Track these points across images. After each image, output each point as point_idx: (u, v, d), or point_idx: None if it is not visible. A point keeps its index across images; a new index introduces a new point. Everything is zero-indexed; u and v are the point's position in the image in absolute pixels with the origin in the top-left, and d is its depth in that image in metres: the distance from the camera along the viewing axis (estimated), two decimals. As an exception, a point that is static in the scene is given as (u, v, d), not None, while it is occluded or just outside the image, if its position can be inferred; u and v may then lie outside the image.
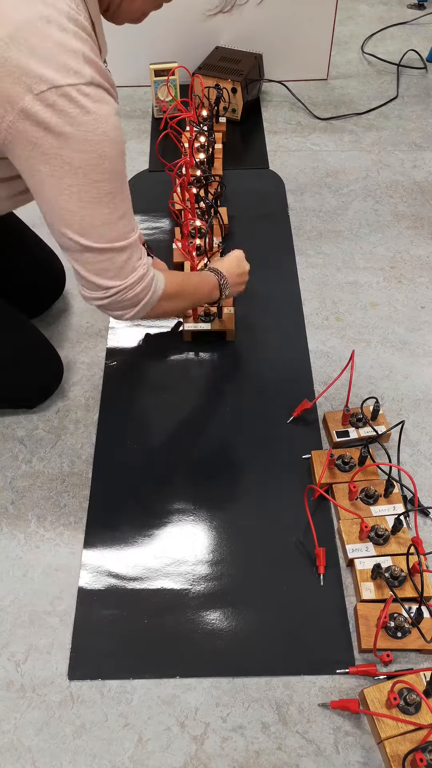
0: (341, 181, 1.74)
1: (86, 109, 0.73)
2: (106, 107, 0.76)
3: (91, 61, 0.74)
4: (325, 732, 0.87)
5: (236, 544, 1.05)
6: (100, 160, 0.79)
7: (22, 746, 0.87)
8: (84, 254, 0.86)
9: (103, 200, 0.82)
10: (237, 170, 1.75)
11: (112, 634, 0.96)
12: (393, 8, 2.48)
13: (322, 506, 1.09)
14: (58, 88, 0.71)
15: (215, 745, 0.87)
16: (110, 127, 0.78)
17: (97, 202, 0.82)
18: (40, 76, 0.70)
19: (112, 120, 0.78)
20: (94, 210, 0.82)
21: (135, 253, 0.91)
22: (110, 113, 0.78)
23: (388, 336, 1.36)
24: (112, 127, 0.79)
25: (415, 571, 0.96)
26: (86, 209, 0.82)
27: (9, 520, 1.09)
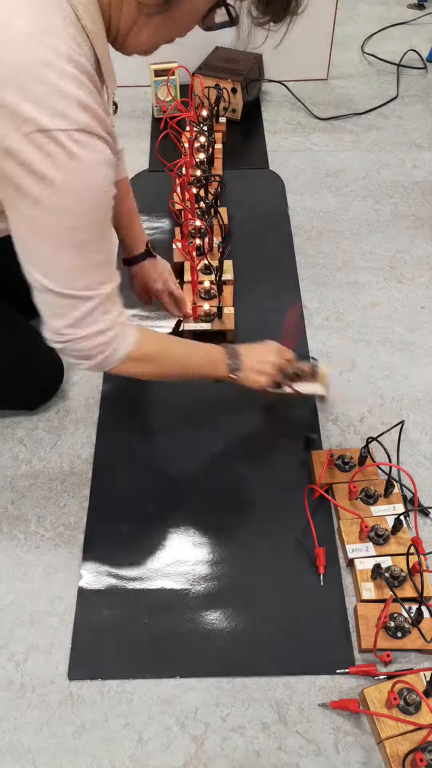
0: (341, 181, 1.74)
1: (73, 154, 0.71)
2: (94, 156, 0.74)
3: (87, 108, 0.72)
4: (325, 732, 0.87)
5: (236, 544, 1.05)
6: (80, 207, 0.76)
7: (22, 746, 0.87)
8: (46, 295, 0.82)
9: (75, 246, 0.79)
10: (237, 170, 1.75)
11: (112, 634, 0.96)
12: (393, 8, 2.48)
13: (322, 506, 1.09)
14: (47, 132, 0.69)
15: (215, 745, 0.87)
16: (96, 176, 0.75)
17: (68, 247, 0.79)
18: (30, 118, 0.68)
19: (100, 169, 0.76)
20: (63, 255, 0.80)
21: (103, 306, 0.85)
22: (99, 162, 0.75)
23: (388, 336, 1.36)
24: (100, 176, 0.76)
25: (415, 571, 0.96)
26: (55, 252, 0.79)
27: (9, 520, 1.09)
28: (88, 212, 0.77)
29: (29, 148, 0.69)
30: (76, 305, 0.83)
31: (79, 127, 0.71)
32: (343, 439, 1.19)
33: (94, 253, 0.82)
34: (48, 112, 0.68)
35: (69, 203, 0.75)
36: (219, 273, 1.29)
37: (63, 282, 0.81)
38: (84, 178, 0.74)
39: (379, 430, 1.18)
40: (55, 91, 0.69)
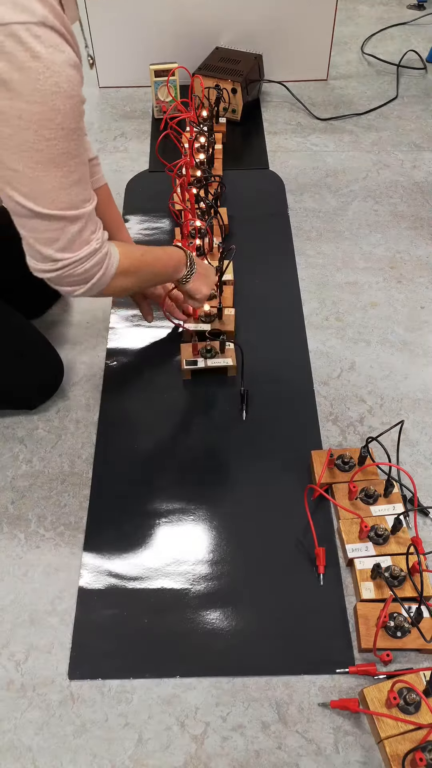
0: (341, 181, 1.74)
1: (35, 52, 0.66)
2: (60, 55, 0.68)
3: (45, 1, 0.67)
4: (325, 731, 0.87)
5: (236, 543, 1.05)
6: (52, 115, 0.71)
7: (22, 746, 0.87)
8: (32, 220, 0.79)
9: (55, 161, 0.75)
10: (237, 170, 1.75)
11: (112, 634, 0.96)
12: (393, 8, 2.48)
13: (322, 506, 1.09)
14: (5, 26, 0.64)
15: (215, 745, 0.87)
16: (64, 78, 0.70)
17: (49, 162, 0.75)
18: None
19: (67, 71, 0.70)
20: (45, 172, 0.75)
21: (89, 225, 0.84)
22: (65, 62, 0.69)
23: (388, 336, 1.36)
24: (66, 78, 0.70)
25: (415, 570, 0.96)
26: (37, 170, 0.75)
27: (9, 520, 1.09)
28: (60, 119, 0.72)
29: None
30: (65, 227, 0.81)
31: (38, 19, 0.66)
32: (342, 439, 1.19)
33: (76, 166, 0.79)
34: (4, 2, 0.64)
35: (39, 110, 0.70)
36: (219, 273, 1.30)
37: (47, 202, 0.78)
38: (51, 81, 0.69)
39: (379, 430, 1.19)
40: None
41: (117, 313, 1.39)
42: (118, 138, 1.89)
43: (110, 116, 1.98)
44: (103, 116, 1.98)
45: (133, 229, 1.58)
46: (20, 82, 0.67)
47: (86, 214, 0.83)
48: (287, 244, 1.55)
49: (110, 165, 1.79)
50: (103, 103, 2.03)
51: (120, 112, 2.00)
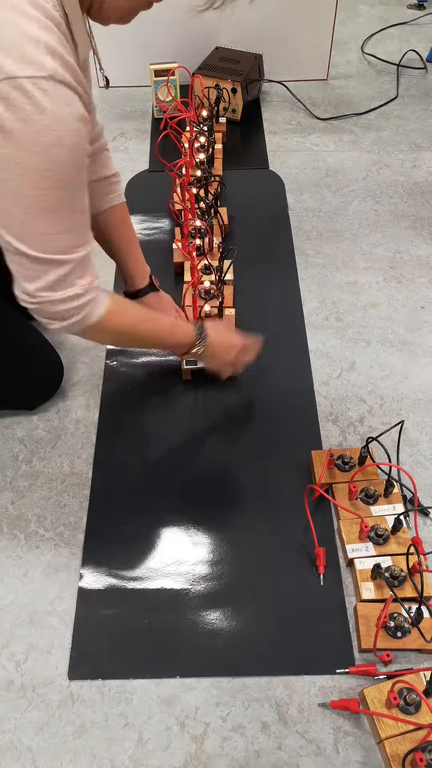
0: (341, 181, 1.74)
1: (42, 107, 0.66)
2: (65, 109, 0.69)
3: (56, 54, 0.67)
4: (325, 732, 0.87)
5: (236, 543, 1.05)
6: (50, 166, 0.71)
7: (22, 746, 0.87)
8: (19, 257, 0.80)
9: (49, 209, 0.76)
10: (237, 170, 1.75)
11: (112, 634, 0.96)
12: (393, 8, 2.48)
13: (322, 506, 1.09)
14: (12, 80, 0.64)
15: (215, 745, 0.87)
16: (67, 131, 0.70)
17: (43, 209, 0.75)
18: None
19: (71, 124, 0.71)
20: (35, 218, 0.76)
21: (77, 270, 0.84)
22: (70, 116, 0.70)
23: (388, 336, 1.36)
24: (70, 131, 0.71)
25: (415, 570, 0.96)
26: (28, 215, 0.75)
27: (9, 520, 1.09)
28: (58, 171, 0.73)
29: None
30: (49, 269, 0.81)
31: (48, 74, 0.66)
32: (342, 438, 1.19)
33: (69, 214, 0.78)
34: (13, 56, 0.64)
35: (38, 162, 0.70)
36: (219, 273, 1.30)
37: (36, 246, 0.78)
38: (54, 135, 0.69)
39: (379, 430, 1.19)
40: (20, 34, 0.64)
41: (117, 313, 1.39)
42: (118, 138, 1.89)
43: (110, 116, 1.98)
44: (103, 116, 1.97)
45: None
46: (23, 132, 0.67)
47: (75, 259, 0.83)
48: (287, 244, 1.55)
49: (110, 165, 1.79)
50: (103, 102, 2.03)
51: (120, 112, 2.00)
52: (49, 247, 0.79)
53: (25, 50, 0.65)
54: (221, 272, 1.30)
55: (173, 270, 1.46)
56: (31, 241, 0.78)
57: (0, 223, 0.77)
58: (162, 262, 1.47)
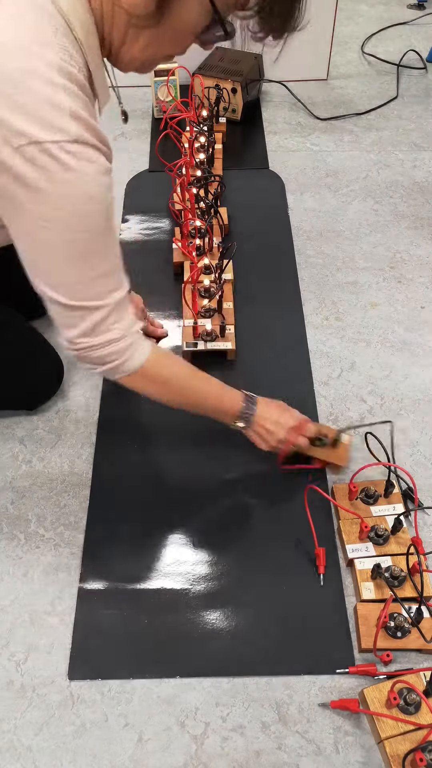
0: (341, 181, 1.74)
1: (68, 166, 0.68)
2: (91, 166, 0.71)
3: (79, 118, 0.69)
4: (325, 732, 0.87)
5: (236, 543, 1.05)
6: (78, 219, 0.73)
7: (22, 746, 0.87)
8: (53, 305, 0.81)
9: (79, 258, 0.77)
10: (237, 170, 1.75)
11: (112, 634, 0.96)
12: (393, 8, 2.48)
13: (322, 506, 1.09)
14: (39, 144, 0.66)
15: (215, 745, 0.87)
16: (94, 186, 0.72)
17: (72, 260, 0.77)
18: (21, 130, 0.66)
19: (98, 179, 0.72)
20: (68, 268, 0.78)
21: (114, 314, 0.84)
22: (97, 172, 0.72)
23: (388, 336, 1.36)
24: (97, 186, 0.73)
25: (415, 570, 0.96)
26: (59, 266, 0.77)
27: (9, 520, 1.09)
28: (88, 224, 0.75)
29: (22, 161, 0.67)
30: (85, 316, 0.82)
31: (72, 138, 0.68)
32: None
33: (100, 263, 0.80)
34: (39, 123, 0.66)
35: (67, 216, 0.72)
36: (219, 271, 1.30)
37: (71, 294, 0.79)
38: (81, 190, 0.71)
39: (379, 430, 1.19)
40: (46, 101, 0.66)
41: (117, 313, 1.39)
42: (118, 137, 1.89)
43: (110, 116, 1.97)
44: (103, 116, 1.98)
45: (133, 229, 1.58)
46: (50, 191, 0.69)
47: (111, 304, 0.83)
48: (287, 244, 1.55)
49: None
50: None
51: (120, 112, 2.00)
52: (84, 295, 0.80)
53: (50, 117, 0.67)
54: (221, 270, 1.30)
55: (173, 270, 1.46)
56: (65, 290, 0.79)
57: (34, 274, 0.79)
58: (162, 262, 1.47)
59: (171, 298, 1.41)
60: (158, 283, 1.44)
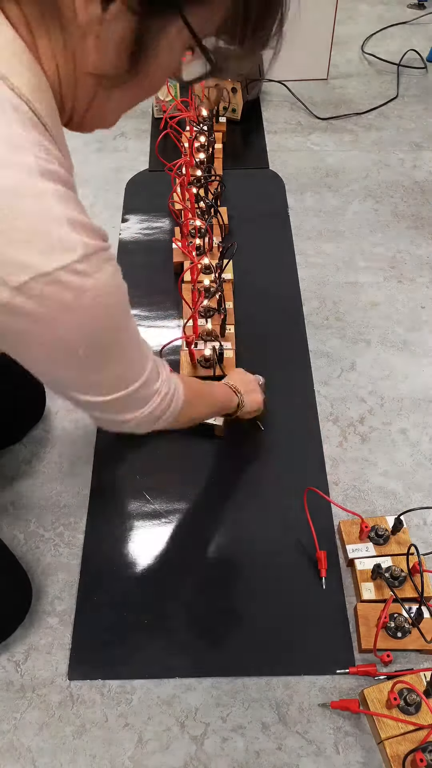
0: (341, 181, 1.74)
1: (82, 289, 0.58)
2: (103, 274, 0.60)
3: (78, 224, 0.57)
4: (325, 732, 0.87)
5: (236, 543, 1.05)
6: (102, 333, 0.64)
7: (22, 746, 0.87)
8: (89, 408, 0.74)
9: (109, 362, 0.68)
10: (237, 170, 1.75)
11: (112, 635, 0.96)
12: (393, 8, 2.48)
13: (322, 506, 1.09)
14: (45, 276, 0.55)
15: (215, 745, 0.87)
16: (111, 293, 0.62)
17: (103, 366, 0.68)
18: (18, 263, 0.53)
19: (113, 283, 0.62)
20: (98, 374, 0.69)
21: (152, 378, 0.76)
22: (110, 276, 0.61)
23: (388, 336, 1.36)
24: (116, 293, 0.63)
25: (415, 571, 0.96)
26: (90, 375, 0.68)
27: (9, 520, 1.08)
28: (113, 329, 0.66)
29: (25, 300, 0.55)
30: (127, 399, 0.74)
31: (80, 255, 0.57)
32: (343, 438, 1.19)
33: (130, 350, 0.71)
34: (38, 249, 0.55)
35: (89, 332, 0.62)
36: (219, 270, 1.29)
37: (109, 390, 0.71)
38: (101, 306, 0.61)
39: (380, 430, 1.19)
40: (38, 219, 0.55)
41: (117, 313, 1.39)
42: (117, 137, 1.89)
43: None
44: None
45: (133, 229, 1.58)
46: (66, 319, 0.59)
47: (148, 375, 0.75)
48: (287, 244, 1.55)
49: (110, 164, 1.79)
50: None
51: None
52: (122, 385, 0.72)
53: (49, 238, 0.55)
54: (221, 269, 1.30)
55: (173, 269, 1.46)
56: (101, 389, 0.71)
57: (58, 390, 0.71)
58: (162, 262, 1.47)
59: (171, 298, 1.41)
60: (158, 283, 1.44)
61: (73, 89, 0.60)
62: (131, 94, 0.64)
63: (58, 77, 0.59)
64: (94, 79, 0.59)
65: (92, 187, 1.70)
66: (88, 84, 0.60)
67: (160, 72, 0.62)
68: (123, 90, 0.62)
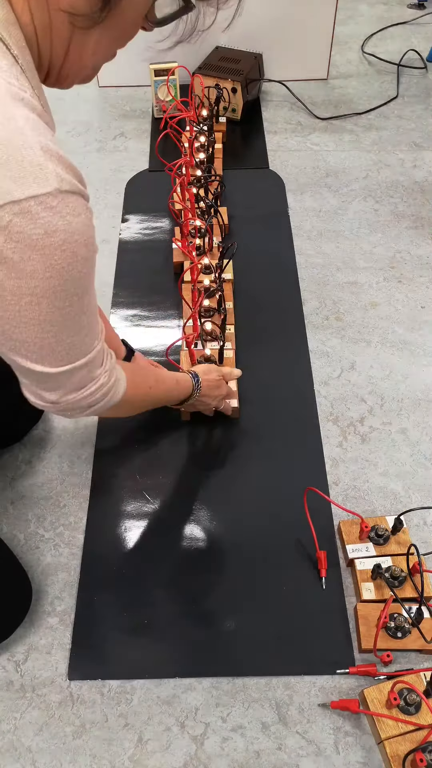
0: (341, 181, 1.74)
1: (52, 228, 0.55)
2: (77, 219, 0.58)
3: (53, 154, 0.55)
4: (325, 732, 0.87)
5: (237, 544, 1.05)
6: (68, 285, 0.61)
7: (22, 746, 0.87)
8: (35, 375, 0.71)
9: (68, 323, 0.66)
10: (237, 170, 1.75)
11: (111, 635, 0.96)
12: (393, 8, 2.48)
13: (322, 506, 1.09)
14: (15, 204, 0.52)
15: (215, 745, 0.87)
16: (81, 243, 0.60)
17: (62, 329, 0.66)
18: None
19: (84, 235, 0.60)
20: (57, 336, 0.66)
21: (96, 361, 0.75)
22: (82, 226, 0.59)
23: (388, 336, 1.36)
24: (84, 242, 0.60)
25: (415, 571, 0.96)
26: (47, 338, 0.66)
27: (9, 520, 1.08)
28: (74, 286, 0.63)
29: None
30: (71, 375, 0.72)
31: (53, 187, 0.54)
32: (343, 438, 1.19)
33: (90, 316, 0.69)
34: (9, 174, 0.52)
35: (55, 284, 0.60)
36: (219, 270, 1.29)
37: (57, 361, 0.69)
38: (69, 252, 0.59)
39: (379, 430, 1.19)
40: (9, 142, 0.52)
41: (116, 313, 1.39)
42: (117, 137, 1.89)
43: (110, 115, 1.98)
44: (102, 115, 1.98)
45: (133, 229, 1.58)
46: (33, 261, 0.57)
47: (93, 356, 0.74)
48: (287, 244, 1.55)
49: (110, 164, 1.79)
50: (102, 102, 2.03)
51: (120, 112, 2.00)
52: (71, 356, 0.70)
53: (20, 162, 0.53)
54: (221, 269, 1.30)
55: (173, 270, 1.46)
56: (52, 359, 0.69)
57: (16, 352, 0.68)
58: (162, 262, 1.47)
59: (171, 298, 1.41)
60: (158, 283, 1.44)
61: (48, 34, 0.59)
62: (108, 37, 0.62)
63: (32, 24, 0.58)
64: (67, 18, 0.58)
65: (92, 187, 1.70)
66: (62, 25, 0.59)
67: (133, 10, 0.60)
68: (99, 32, 0.61)
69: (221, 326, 1.23)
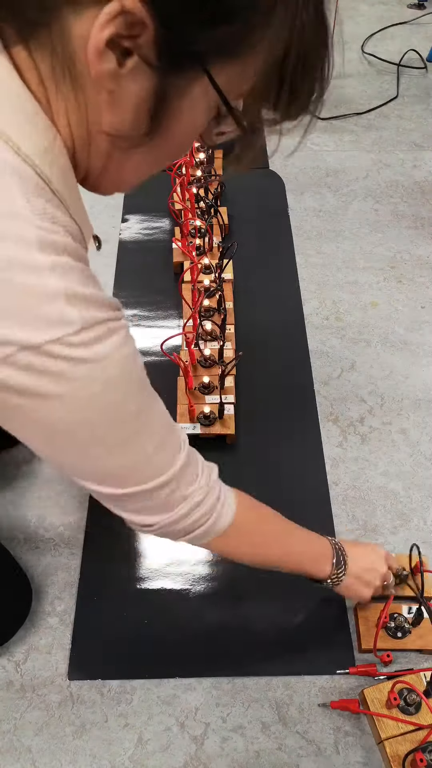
0: (341, 181, 1.74)
1: (79, 359, 0.52)
2: (109, 345, 0.53)
3: (79, 298, 0.51)
4: (325, 732, 0.87)
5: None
6: (108, 411, 0.57)
7: (22, 746, 0.87)
8: (105, 500, 0.67)
9: (120, 447, 0.60)
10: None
11: (111, 634, 0.96)
12: (393, 8, 2.48)
13: (322, 506, 1.08)
14: (34, 349, 0.50)
15: (215, 745, 0.86)
16: (118, 368, 0.55)
17: (111, 452, 0.60)
18: (5, 338, 0.48)
19: (122, 356, 0.55)
20: (108, 461, 0.61)
21: (183, 479, 0.67)
22: (114, 347, 0.54)
23: (388, 336, 1.36)
24: (122, 365, 0.55)
25: (416, 571, 0.96)
26: (96, 464, 0.61)
27: (9, 521, 1.08)
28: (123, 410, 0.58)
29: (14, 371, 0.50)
30: (151, 496, 0.65)
31: (77, 328, 0.51)
32: (343, 438, 1.19)
33: (150, 438, 0.62)
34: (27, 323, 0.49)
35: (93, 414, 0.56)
36: (219, 270, 1.29)
37: (125, 482, 0.63)
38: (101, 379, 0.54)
39: (380, 430, 1.19)
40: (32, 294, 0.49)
41: (117, 313, 1.39)
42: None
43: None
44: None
45: (133, 229, 1.58)
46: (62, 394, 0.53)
47: (176, 472, 0.65)
48: (287, 244, 1.55)
49: (110, 164, 1.79)
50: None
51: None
52: (140, 478, 0.63)
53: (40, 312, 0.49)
54: (221, 269, 1.30)
55: (173, 270, 1.46)
56: (118, 481, 0.63)
57: (74, 474, 0.63)
58: (162, 262, 1.47)
59: (171, 298, 1.41)
60: (158, 283, 1.44)
61: (86, 149, 0.55)
62: (152, 157, 0.57)
63: (71, 134, 0.53)
64: (109, 139, 0.53)
65: (92, 187, 1.70)
66: (102, 144, 0.54)
67: (184, 134, 0.55)
68: (143, 153, 0.56)
69: (221, 326, 1.23)
